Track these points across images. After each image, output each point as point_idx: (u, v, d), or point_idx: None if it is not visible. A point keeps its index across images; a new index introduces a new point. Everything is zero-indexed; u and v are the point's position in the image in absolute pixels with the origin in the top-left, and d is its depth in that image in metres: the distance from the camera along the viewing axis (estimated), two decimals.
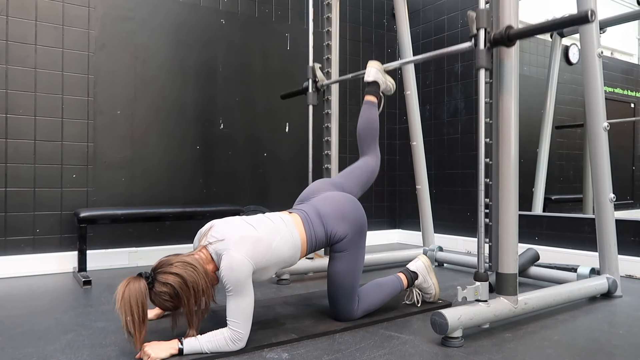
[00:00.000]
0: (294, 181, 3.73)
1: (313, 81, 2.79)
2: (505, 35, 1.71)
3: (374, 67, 2.28)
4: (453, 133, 3.88)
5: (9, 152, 2.78)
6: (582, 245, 3.04)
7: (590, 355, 1.56)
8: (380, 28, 4.30)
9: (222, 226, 1.63)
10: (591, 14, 1.49)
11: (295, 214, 1.80)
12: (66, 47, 2.93)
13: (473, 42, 1.77)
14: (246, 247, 1.55)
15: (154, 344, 1.48)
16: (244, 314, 1.52)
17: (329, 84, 2.79)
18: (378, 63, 2.30)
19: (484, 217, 1.77)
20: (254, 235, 1.60)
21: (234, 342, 1.52)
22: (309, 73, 2.80)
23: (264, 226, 1.66)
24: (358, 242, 1.82)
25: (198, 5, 3.36)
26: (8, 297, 2.30)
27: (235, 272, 1.50)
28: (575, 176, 3.47)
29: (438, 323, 1.61)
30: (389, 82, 2.33)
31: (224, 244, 1.56)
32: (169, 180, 3.24)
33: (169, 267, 1.50)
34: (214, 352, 1.51)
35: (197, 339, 1.50)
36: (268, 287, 2.52)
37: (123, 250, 3.08)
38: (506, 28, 1.71)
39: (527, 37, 1.72)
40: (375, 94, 2.26)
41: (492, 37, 1.74)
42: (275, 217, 1.74)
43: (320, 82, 2.79)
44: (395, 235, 4.35)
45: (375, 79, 2.27)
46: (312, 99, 2.79)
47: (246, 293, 1.52)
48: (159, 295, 1.50)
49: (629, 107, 3.38)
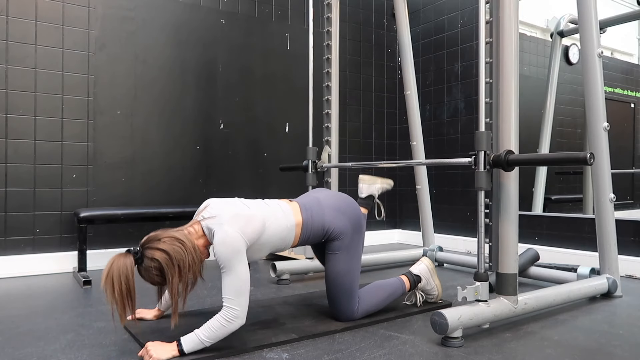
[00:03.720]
0: (294, 181, 3.73)
1: (312, 162, 2.84)
2: (504, 160, 1.71)
3: (365, 183, 2.36)
4: (453, 133, 3.88)
5: (9, 152, 2.78)
6: (582, 245, 3.04)
7: (590, 355, 1.56)
8: (380, 28, 4.30)
9: (218, 204, 1.63)
10: (590, 157, 1.51)
11: (294, 202, 1.82)
12: (66, 47, 2.93)
13: (472, 160, 1.77)
14: (239, 224, 1.56)
15: (157, 344, 1.48)
16: (237, 290, 1.49)
17: (329, 167, 2.85)
18: (368, 177, 2.37)
19: (484, 217, 1.77)
20: (247, 212, 1.61)
21: (229, 321, 1.48)
22: (308, 154, 2.84)
23: (259, 207, 1.69)
24: (355, 241, 1.83)
25: (198, 6, 3.36)
26: (8, 297, 2.30)
27: (228, 246, 1.49)
28: (575, 177, 3.47)
29: (438, 323, 1.62)
30: (386, 185, 2.38)
31: (218, 219, 1.56)
32: (169, 180, 3.24)
33: (156, 243, 1.49)
34: (215, 339, 1.48)
35: (194, 333, 1.48)
36: (268, 287, 2.52)
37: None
38: (506, 153, 1.72)
39: (527, 165, 1.71)
40: (366, 206, 2.34)
41: (492, 160, 1.74)
42: (272, 202, 1.77)
43: (320, 163, 2.85)
44: (395, 235, 4.35)
45: (369, 193, 2.35)
46: (311, 181, 2.84)
47: (240, 269, 1.51)
48: (148, 270, 1.50)
49: (629, 107, 3.38)
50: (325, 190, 1.93)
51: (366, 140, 4.18)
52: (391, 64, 4.36)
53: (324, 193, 1.89)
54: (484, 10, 1.81)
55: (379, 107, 4.28)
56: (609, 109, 2.34)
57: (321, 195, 1.87)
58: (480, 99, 1.79)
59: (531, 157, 1.67)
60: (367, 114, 4.20)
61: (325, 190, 1.93)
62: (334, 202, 1.84)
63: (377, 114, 4.26)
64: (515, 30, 1.82)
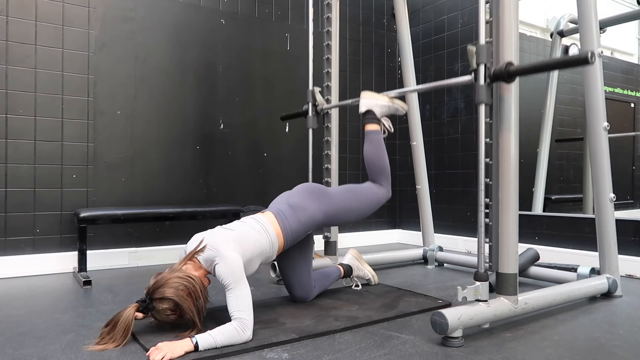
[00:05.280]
0: (294, 181, 3.73)
1: (313, 105, 2.81)
2: (505, 71, 1.70)
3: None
4: (453, 133, 3.88)
5: (9, 152, 2.78)
6: (582, 245, 3.04)
7: (590, 355, 1.56)
8: (380, 28, 4.30)
9: (208, 236, 1.79)
10: (591, 55, 1.50)
11: (268, 212, 1.99)
12: (66, 47, 2.93)
13: (473, 76, 1.76)
14: (232, 245, 1.74)
15: (166, 344, 1.50)
16: (245, 303, 1.63)
17: (328, 108, 2.82)
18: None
19: (484, 217, 1.77)
20: (235, 235, 1.79)
21: (243, 331, 1.59)
22: (308, 97, 2.82)
23: (240, 227, 1.86)
24: (333, 199, 2.05)
25: (198, 5, 3.36)
26: (8, 297, 2.30)
27: (230, 267, 1.65)
28: (575, 176, 3.47)
29: (438, 323, 1.62)
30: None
31: (213, 248, 1.72)
32: (169, 180, 3.24)
33: (163, 286, 1.65)
34: (226, 344, 1.55)
35: (209, 334, 1.55)
36: (268, 287, 2.52)
37: (123, 250, 3.08)
38: (506, 64, 1.71)
39: (528, 74, 1.71)
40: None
41: (492, 73, 1.73)
42: (248, 219, 1.94)
43: (320, 105, 2.81)
44: (395, 235, 4.35)
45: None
46: (312, 123, 2.81)
47: (243, 283, 1.66)
48: (160, 312, 1.66)
49: (629, 107, 3.38)
50: (287, 193, 2.10)
51: None
52: (391, 64, 4.36)
53: (286, 195, 2.07)
54: (484, 10, 1.80)
55: None
56: (609, 108, 2.34)
57: (287, 198, 2.04)
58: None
59: (531, 65, 1.66)
60: None
61: (286, 193, 2.10)
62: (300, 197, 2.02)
63: None
64: (515, 30, 1.82)
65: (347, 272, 2.39)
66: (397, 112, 2.31)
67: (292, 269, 2.12)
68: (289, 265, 2.13)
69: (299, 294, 2.13)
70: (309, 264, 2.15)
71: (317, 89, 2.83)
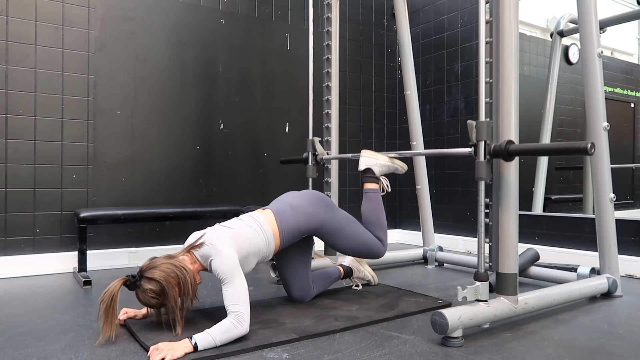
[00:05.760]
0: (294, 181, 3.73)
1: (313, 154, 2.83)
2: (505, 150, 1.71)
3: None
4: (453, 133, 3.88)
5: (9, 152, 2.78)
6: (582, 245, 3.04)
7: (590, 355, 1.56)
8: (380, 28, 4.30)
9: (207, 234, 1.80)
10: (591, 147, 1.51)
11: (268, 210, 1.99)
12: (66, 47, 2.93)
13: (473, 150, 1.77)
14: (229, 242, 1.76)
15: (165, 344, 1.49)
16: (241, 296, 1.64)
17: (328, 159, 2.84)
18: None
19: (484, 217, 1.77)
20: (232, 232, 1.81)
21: (240, 324, 1.59)
22: (308, 146, 2.83)
23: (237, 224, 1.88)
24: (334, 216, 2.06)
25: (198, 5, 3.36)
26: (8, 297, 2.30)
27: (226, 261, 1.68)
28: (575, 176, 3.47)
29: (438, 323, 1.62)
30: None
31: (211, 244, 1.74)
32: (169, 180, 3.24)
33: (155, 267, 1.67)
34: (225, 340, 1.56)
35: (207, 332, 1.55)
36: (268, 287, 2.52)
37: (123, 250, 3.08)
38: (506, 143, 1.71)
39: (527, 155, 1.70)
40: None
41: (492, 150, 1.73)
42: (246, 217, 1.95)
43: (320, 155, 2.84)
44: (395, 235, 4.35)
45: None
46: (311, 172, 2.83)
47: (239, 278, 1.68)
48: (145, 292, 1.65)
49: (629, 107, 3.38)
50: (293, 193, 2.11)
51: (366, 140, 4.18)
52: (391, 64, 4.36)
53: (291, 195, 2.08)
54: (484, 10, 1.81)
55: (379, 107, 4.28)
56: (609, 108, 2.34)
57: (291, 198, 2.05)
58: (480, 97, 1.78)
59: (532, 146, 1.67)
60: (367, 114, 4.20)
61: (293, 193, 2.11)
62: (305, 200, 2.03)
63: (377, 114, 4.26)
64: (515, 30, 1.82)
65: (347, 273, 2.40)
66: (396, 171, 2.32)
67: (291, 269, 2.13)
68: (287, 265, 2.13)
69: (297, 294, 2.13)
70: (308, 265, 2.16)
71: (317, 139, 2.86)
